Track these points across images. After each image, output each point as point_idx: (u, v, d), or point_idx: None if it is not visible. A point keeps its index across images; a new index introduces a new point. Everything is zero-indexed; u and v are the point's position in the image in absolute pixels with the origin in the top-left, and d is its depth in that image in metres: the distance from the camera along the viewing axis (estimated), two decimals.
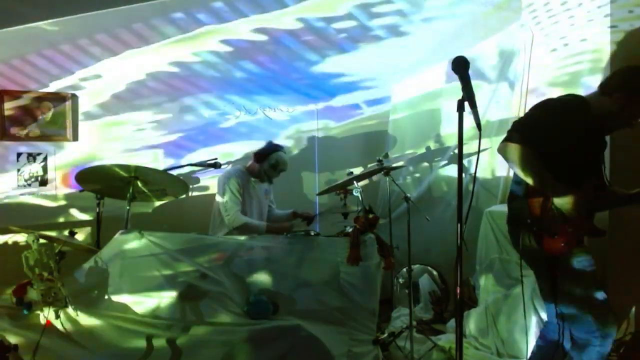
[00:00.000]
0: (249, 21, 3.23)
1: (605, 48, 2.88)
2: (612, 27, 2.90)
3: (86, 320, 2.26)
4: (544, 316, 2.44)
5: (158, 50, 3.41)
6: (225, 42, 3.43)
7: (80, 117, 3.90)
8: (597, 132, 2.13)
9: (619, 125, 2.13)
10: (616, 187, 2.22)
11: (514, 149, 2.04)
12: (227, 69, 3.88)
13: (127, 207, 2.90)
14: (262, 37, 3.42)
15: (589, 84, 2.92)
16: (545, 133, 2.03)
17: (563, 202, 2.02)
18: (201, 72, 3.83)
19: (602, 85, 2.12)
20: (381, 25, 3.49)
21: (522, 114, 2.99)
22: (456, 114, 1.62)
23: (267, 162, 3.50)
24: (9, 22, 2.97)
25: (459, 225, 1.58)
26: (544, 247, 2.11)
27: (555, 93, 2.69)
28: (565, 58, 3.16)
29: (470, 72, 1.63)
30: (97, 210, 3.33)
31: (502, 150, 2.09)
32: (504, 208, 2.34)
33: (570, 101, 2.15)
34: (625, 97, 2.02)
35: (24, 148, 3.74)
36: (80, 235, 3.80)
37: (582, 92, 2.67)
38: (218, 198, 3.43)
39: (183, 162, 4.12)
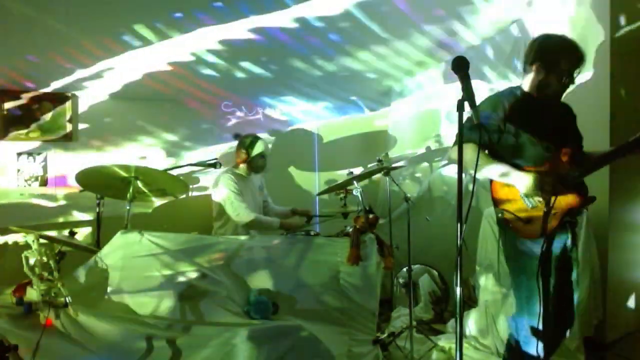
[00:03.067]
0: (250, 21, 3.23)
1: (605, 48, 2.89)
2: (611, 27, 2.91)
3: (86, 320, 2.26)
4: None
5: (158, 50, 3.41)
6: (225, 42, 3.42)
7: (80, 117, 3.90)
8: (542, 108, 2.13)
9: (557, 90, 2.12)
10: (593, 152, 2.21)
11: (455, 151, 2.08)
12: (227, 69, 3.88)
13: (127, 207, 2.90)
14: (263, 37, 3.42)
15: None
16: (485, 127, 2.07)
17: (526, 186, 2.02)
18: (201, 72, 3.83)
19: (523, 67, 2.19)
20: (381, 25, 3.48)
21: None
22: (456, 114, 1.63)
23: (253, 155, 3.55)
24: (9, 22, 2.97)
25: (459, 225, 1.58)
26: (523, 236, 2.11)
27: None
28: None
29: (470, 72, 1.63)
30: (97, 210, 3.33)
31: (449, 156, 2.13)
32: None
33: (501, 91, 2.23)
34: (540, 62, 2.08)
35: (24, 148, 3.74)
36: (80, 235, 3.80)
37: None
38: (215, 198, 3.43)
39: (183, 162, 4.12)
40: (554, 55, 2.08)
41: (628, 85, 2.96)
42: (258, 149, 3.57)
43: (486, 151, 2.14)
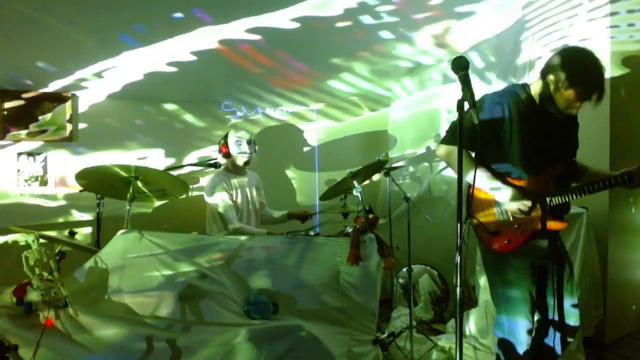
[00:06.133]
0: (250, 21, 3.23)
1: (605, 48, 2.89)
2: (612, 27, 2.90)
3: (86, 320, 2.26)
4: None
5: (158, 50, 3.41)
6: (225, 42, 3.43)
7: (80, 117, 3.90)
8: (543, 118, 2.00)
9: (562, 109, 1.98)
10: (595, 172, 2.12)
11: (444, 149, 2.04)
12: (227, 69, 3.89)
13: (127, 207, 2.90)
14: (262, 37, 3.42)
15: None
16: (477, 127, 1.88)
17: (504, 199, 1.97)
18: (201, 72, 3.83)
19: (541, 70, 2.04)
20: (381, 24, 3.48)
21: None
22: (456, 114, 1.63)
23: (233, 147, 3.48)
24: (9, 22, 2.97)
25: (459, 225, 1.58)
26: (486, 247, 2.09)
27: None
28: None
29: (469, 72, 1.63)
30: (97, 210, 3.33)
31: (438, 152, 2.09)
32: None
33: (503, 90, 2.08)
34: (556, 77, 1.93)
35: (24, 148, 3.74)
36: (80, 235, 3.80)
37: None
38: (208, 201, 3.42)
39: (183, 162, 4.13)
40: (572, 78, 1.89)
41: (628, 85, 2.97)
42: (245, 138, 3.50)
43: (472, 154, 2.03)
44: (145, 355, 2.20)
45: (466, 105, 1.60)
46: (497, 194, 1.99)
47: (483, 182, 2.01)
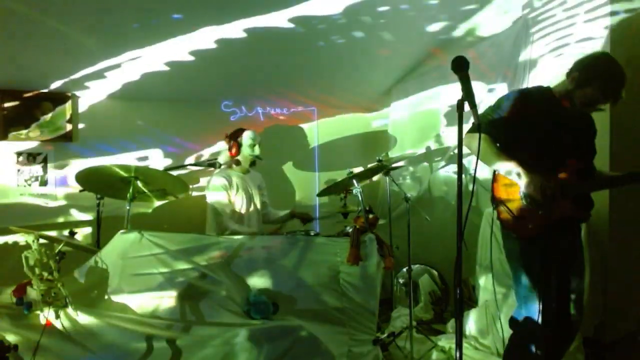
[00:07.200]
0: (250, 21, 3.23)
1: (605, 48, 2.89)
2: (612, 27, 2.91)
3: (86, 320, 2.26)
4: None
5: (158, 50, 3.41)
6: (225, 41, 3.42)
7: (80, 117, 3.90)
8: (565, 115, 2.15)
9: (583, 106, 2.13)
10: (603, 171, 2.27)
11: (472, 138, 2.13)
12: (227, 69, 3.88)
13: (127, 207, 2.90)
14: (262, 36, 3.42)
15: None
16: (502, 120, 2.11)
17: (528, 186, 2.05)
18: (201, 71, 3.83)
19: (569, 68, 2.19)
20: (380, 24, 3.48)
21: None
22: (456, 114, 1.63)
23: (244, 147, 3.50)
24: (9, 22, 2.97)
25: (459, 225, 1.58)
26: (510, 233, 2.17)
27: None
28: (565, 58, 3.16)
29: (469, 72, 1.63)
30: (97, 210, 3.33)
31: (466, 142, 2.16)
32: None
33: (529, 88, 2.26)
34: (579, 75, 2.09)
35: (24, 148, 3.74)
36: (80, 235, 3.80)
37: None
38: (209, 199, 3.42)
39: (183, 162, 4.12)
40: (591, 78, 2.06)
41: (628, 86, 2.96)
42: (256, 141, 3.53)
43: (497, 144, 2.15)
44: (145, 355, 2.19)
45: (466, 106, 1.61)
46: (521, 181, 2.07)
47: (508, 170, 2.10)
